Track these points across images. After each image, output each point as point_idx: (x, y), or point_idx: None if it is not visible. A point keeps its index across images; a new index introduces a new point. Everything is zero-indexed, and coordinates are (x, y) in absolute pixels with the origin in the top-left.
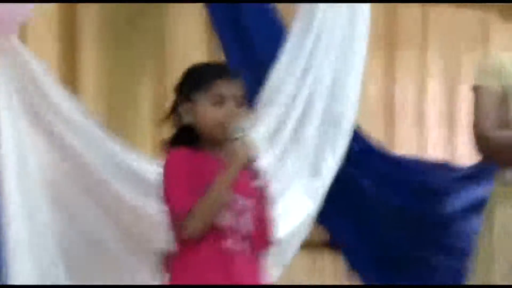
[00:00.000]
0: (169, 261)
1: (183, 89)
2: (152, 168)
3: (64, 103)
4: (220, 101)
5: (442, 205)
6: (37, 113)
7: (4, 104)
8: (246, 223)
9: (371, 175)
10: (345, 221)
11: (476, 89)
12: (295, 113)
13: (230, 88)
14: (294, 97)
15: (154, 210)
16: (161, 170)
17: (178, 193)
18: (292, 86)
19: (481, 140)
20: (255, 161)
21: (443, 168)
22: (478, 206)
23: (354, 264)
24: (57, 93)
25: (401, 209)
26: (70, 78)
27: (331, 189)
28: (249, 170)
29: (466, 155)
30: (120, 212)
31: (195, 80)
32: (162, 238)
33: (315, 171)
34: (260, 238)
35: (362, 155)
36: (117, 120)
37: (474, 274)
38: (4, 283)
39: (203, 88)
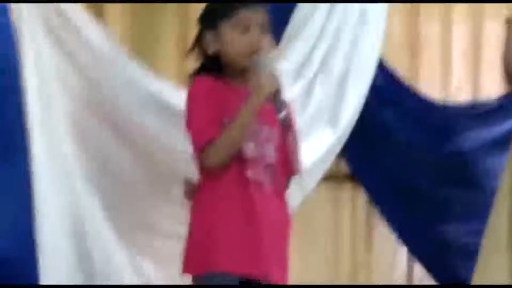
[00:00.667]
0: (193, 190)
1: (207, 18)
2: (178, 96)
3: (88, 29)
4: (245, 29)
5: (465, 140)
6: (60, 41)
7: (28, 33)
8: (270, 153)
9: (394, 109)
10: (366, 154)
11: (510, 22)
12: (323, 46)
13: (254, 16)
14: (322, 30)
15: (179, 139)
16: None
17: (200, 122)
18: (319, 19)
19: None
20: (280, 91)
21: (467, 106)
22: (505, 142)
23: (374, 198)
24: (81, 20)
25: (423, 145)
26: (96, 12)
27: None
28: (274, 100)
29: (491, 90)
30: (144, 141)
31: (219, 9)
32: (186, 168)
33: (340, 102)
34: (284, 168)
35: (386, 89)
36: (141, 53)
37: (498, 209)
38: (31, 219)
39: (228, 16)
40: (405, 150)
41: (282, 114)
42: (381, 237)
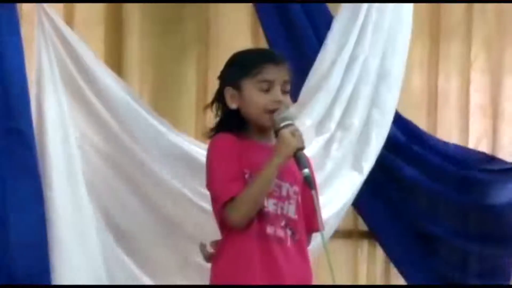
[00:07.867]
0: (209, 253)
1: (228, 75)
2: (198, 151)
3: (108, 83)
4: (266, 87)
5: (487, 196)
6: (80, 93)
7: (49, 82)
8: (291, 210)
9: (415, 164)
10: (385, 211)
11: None
12: (342, 102)
13: (276, 73)
14: (340, 86)
15: (199, 195)
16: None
17: (221, 179)
18: (338, 75)
19: None
20: (302, 149)
21: (487, 159)
22: None
23: (393, 255)
24: (101, 73)
25: (444, 200)
26: (116, 64)
27: (372, 178)
28: (296, 157)
29: (509, 147)
30: (162, 195)
31: (241, 66)
32: (207, 225)
33: (359, 159)
34: (305, 224)
35: (406, 144)
36: (161, 107)
37: None
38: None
39: (249, 73)
40: (426, 206)
41: (306, 170)
42: None
